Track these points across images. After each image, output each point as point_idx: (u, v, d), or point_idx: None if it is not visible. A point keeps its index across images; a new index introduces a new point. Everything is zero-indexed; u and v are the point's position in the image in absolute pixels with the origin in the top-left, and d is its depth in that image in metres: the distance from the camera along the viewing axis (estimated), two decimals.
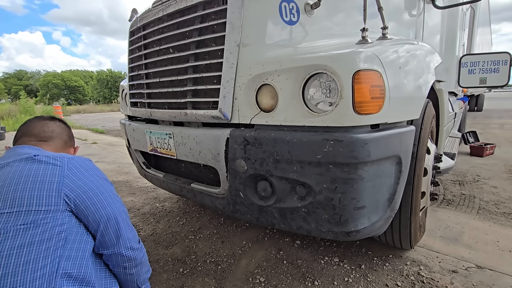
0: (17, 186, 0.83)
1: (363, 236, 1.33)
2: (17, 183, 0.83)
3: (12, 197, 0.82)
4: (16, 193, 0.82)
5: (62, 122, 1.24)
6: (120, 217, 0.98)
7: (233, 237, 2.21)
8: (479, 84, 2.97)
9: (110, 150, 6.27)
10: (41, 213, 0.82)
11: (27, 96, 19.44)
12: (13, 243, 0.78)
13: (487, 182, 3.27)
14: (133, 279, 1.07)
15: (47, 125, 1.15)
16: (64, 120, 1.29)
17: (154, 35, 1.75)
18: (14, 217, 0.80)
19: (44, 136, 1.11)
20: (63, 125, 1.24)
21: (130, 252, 1.00)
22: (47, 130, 1.13)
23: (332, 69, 1.12)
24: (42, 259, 0.80)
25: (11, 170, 0.87)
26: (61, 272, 0.82)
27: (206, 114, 1.46)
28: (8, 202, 0.81)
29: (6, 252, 0.77)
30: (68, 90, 50.87)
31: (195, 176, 1.86)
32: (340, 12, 1.78)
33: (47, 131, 1.13)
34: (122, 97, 2.46)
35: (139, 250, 1.04)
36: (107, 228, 0.94)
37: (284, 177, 1.28)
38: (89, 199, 0.90)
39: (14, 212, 0.80)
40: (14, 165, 0.88)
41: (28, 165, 0.88)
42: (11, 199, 0.81)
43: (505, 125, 8.32)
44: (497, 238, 2.05)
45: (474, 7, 3.94)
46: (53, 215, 0.83)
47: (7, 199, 0.81)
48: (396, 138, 1.28)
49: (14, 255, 0.77)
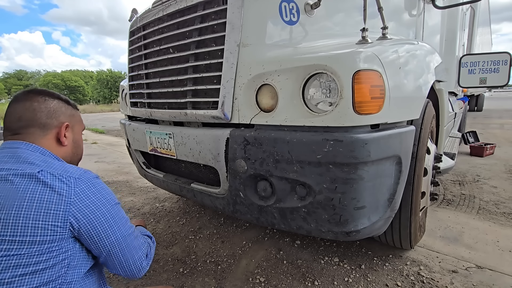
0: (20, 211, 0.76)
1: (363, 236, 1.33)
2: (20, 208, 0.76)
3: (14, 224, 0.75)
4: (19, 220, 0.75)
5: (33, 99, 0.92)
6: (124, 245, 0.92)
7: (233, 237, 2.22)
8: (479, 84, 2.97)
9: (110, 150, 6.27)
10: (46, 242, 0.77)
11: None
12: (16, 272, 0.75)
13: (487, 182, 3.27)
14: None
15: (14, 112, 0.90)
16: (43, 90, 0.98)
17: (154, 35, 1.75)
18: (17, 245, 0.75)
19: (13, 128, 0.90)
20: (34, 103, 0.91)
21: (132, 274, 0.97)
22: (13, 119, 0.90)
23: (332, 69, 1.12)
24: (44, 285, 0.78)
25: (12, 188, 0.78)
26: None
27: (206, 114, 1.47)
28: (9, 228, 0.74)
29: (7, 280, 0.74)
30: (68, 90, 50.88)
31: (195, 176, 1.86)
32: (340, 12, 1.78)
33: (13, 121, 0.90)
34: (122, 97, 2.46)
35: (143, 269, 0.99)
36: (110, 257, 0.91)
37: (284, 177, 1.28)
38: (93, 228, 0.85)
39: (17, 240, 0.75)
40: (15, 182, 0.78)
41: (32, 186, 0.78)
42: (12, 225, 0.75)
43: (505, 125, 8.32)
44: (497, 238, 2.05)
45: (474, 7, 3.94)
46: (58, 244, 0.79)
47: (8, 224, 0.74)
48: (396, 138, 1.28)
49: (16, 282, 0.75)
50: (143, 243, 1.02)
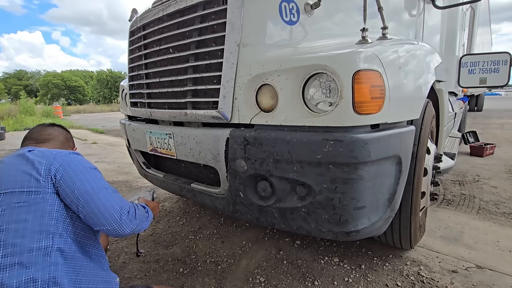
0: (11, 172, 0.99)
1: (363, 236, 1.33)
2: (11, 169, 1.00)
3: (6, 180, 0.97)
4: (10, 177, 0.98)
5: (60, 127, 1.38)
6: (100, 195, 1.05)
7: (233, 237, 2.21)
8: (479, 84, 2.97)
9: (110, 150, 6.27)
10: (32, 193, 0.96)
11: (27, 96, 19.45)
12: (11, 218, 0.92)
13: (487, 182, 3.27)
14: None
15: (45, 129, 1.31)
16: (63, 126, 1.43)
17: (154, 35, 1.75)
18: (9, 197, 0.94)
19: (42, 138, 1.26)
20: (60, 129, 1.37)
21: (113, 228, 1.06)
22: (45, 133, 1.29)
23: (332, 69, 1.12)
24: (37, 233, 0.92)
25: (7, 160, 1.05)
26: (56, 246, 0.94)
27: (206, 114, 1.46)
28: (3, 185, 0.96)
29: (4, 226, 0.91)
30: (68, 90, 50.79)
31: (195, 176, 1.86)
32: (340, 12, 1.78)
33: (44, 134, 1.28)
34: (122, 97, 2.46)
35: (123, 222, 1.08)
36: (88, 207, 1.02)
37: (284, 177, 1.28)
38: (69, 178, 1.02)
39: (9, 192, 0.95)
40: (10, 158, 1.05)
41: (21, 156, 1.04)
42: (5, 182, 0.97)
43: (505, 125, 8.32)
44: (497, 238, 2.05)
45: (474, 7, 3.93)
46: (43, 196, 0.97)
47: (1, 182, 0.97)
48: (396, 138, 1.28)
49: (11, 228, 0.91)
50: (125, 201, 1.15)
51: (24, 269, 0.88)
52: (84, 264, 1.01)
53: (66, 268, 0.95)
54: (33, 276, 0.87)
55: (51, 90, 47.75)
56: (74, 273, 0.97)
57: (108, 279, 1.09)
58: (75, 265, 0.98)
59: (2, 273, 0.86)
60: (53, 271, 0.91)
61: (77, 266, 0.99)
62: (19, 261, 0.88)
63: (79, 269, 0.99)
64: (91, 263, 1.05)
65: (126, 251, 2.08)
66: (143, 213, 1.22)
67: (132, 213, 1.14)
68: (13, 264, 0.87)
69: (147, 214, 1.25)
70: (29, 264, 0.88)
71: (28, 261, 0.89)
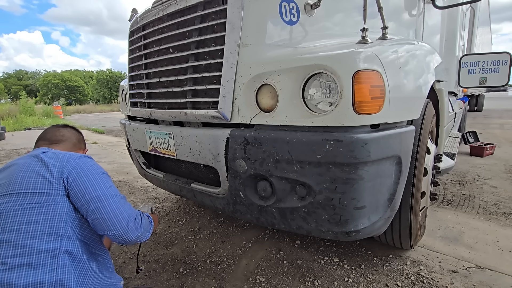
0: (25, 173, 1.00)
1: (363, 236, 1.33)
2: (26, 171, 1.01)
3: (21, 181, 0.99)
4: (24, 178, 0.99)
5: (73, 128, 1.43)
6: (110, 201, 1.06)
7: (233, 237, 2.21)
8: (479, 84, 2.97)
9: (110, 150, 6.27)
10: (44, 195, 0.97)
11: (27, 96, 19.44)
12: (22, 219, 0.94)
13: (487, 182, 3.27)
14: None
15: (58, 130, 1.35)
16: (76, 127, 1.49)
17: (154, 35, 1.75)
18: (22, 197, 0.96)
19: (55, 139, 1.30)
20: (73, 130, 1.41)
21: (120, 235, 1.07)
22: (58, 134, 1.32)
23: (332, 69, 1.12)
24: (47, 235, 0.94)
25: (22, 162, 1.06)
26: (63, 249, 0.95)
27: (206, 114, 1.46)
28: (17, 185, 0.98)
29: (16, 227, 0.93)
30: (68, 90, 50.75)
31: (195, 176, 1.86)
32: (340, 12, 1.78)
33: (58, 135, 1.32)
34: (122, 97, 2.46)
35: (130, 230, 1.09)
36: (97, 213, 1.03)
37: (284, 177, 1.28)
38: (82, 182, 1.04)
39: (22, 193, 0.97)
40: (25, 159, 1.07)
41: (36, 158, 1.06)
42: (19, 183, 0.98)
43: (505, 125, 8.31)
44: (497, 238, 2.05)
45: (474, 7, 3.93)
46: (54, 198, 0.98)
47: (16, 182, 0.99)
48: (396, 138, 1.28)
49: (22, 229, 0.92)
50: (132, 209, 1.17)
51: (32, 270, 0.89)
52: (90, 267, 1.02)
53: (73, 270, 0.96)
54: (40, 278, 0.88)
55: (51, 90, 47.74)
56: (81, 275, 0.97)
57: (114, 281, 1.10)
58: (82, 267, 0.99)
59: (12, 273, 0.87)
60: (60, 273, 0.92)
61: (84, 269, 0.99)
62: (28, 262, 0.89)
63: (86, 271, 1.00)
64: (97, 265, 1.06)
65: (126, 251, 2.08)
66: (148, 223, 1.24)
67: (138, 221, 1.15)
68: (22, 265, 0.89)
69: (150, 224, 1.26)
70: (37, 265, 0.90)
71: (36, 262, 0.90)
